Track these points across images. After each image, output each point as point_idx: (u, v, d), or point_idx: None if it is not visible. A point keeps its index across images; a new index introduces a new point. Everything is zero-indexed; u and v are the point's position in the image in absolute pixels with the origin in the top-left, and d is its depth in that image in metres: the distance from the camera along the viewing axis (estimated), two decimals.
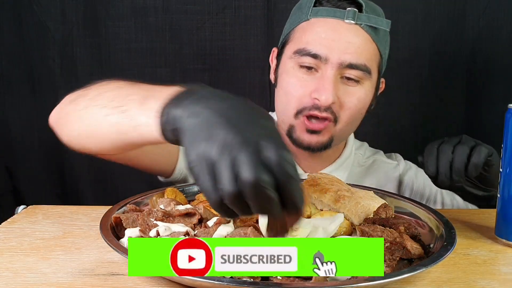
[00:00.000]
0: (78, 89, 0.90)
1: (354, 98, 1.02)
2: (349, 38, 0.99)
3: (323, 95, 0.98)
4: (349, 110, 1.02)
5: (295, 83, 1.02)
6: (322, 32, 1.00)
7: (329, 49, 0.99)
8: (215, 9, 1.48)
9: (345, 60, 0.99)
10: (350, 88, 1.02)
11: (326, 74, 0.99)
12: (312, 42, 1.00)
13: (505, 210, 0.79)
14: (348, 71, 1.00)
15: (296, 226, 0.58)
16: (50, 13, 1.48)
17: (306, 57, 1.00)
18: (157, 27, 1.49)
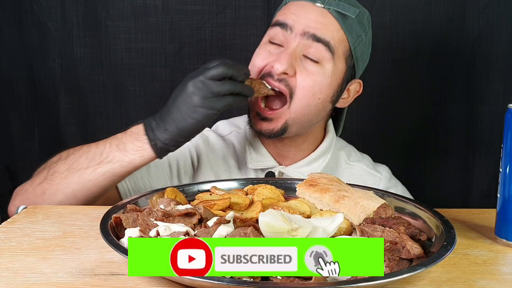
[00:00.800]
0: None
1: (311, 78, 1.03)
2: (315, 17, 1.04)
3: (278, 63, 1.01)
4: (303, 89, 1.03)
5: (261, 54, 1.07)
6: (293, 10, 1.06)
7: (295, 21, 1.04)
8: (215, 9, 1.48)
9: (309, 31, 1.03)
10: (309, 66, 1.03)
11: (289, 46, 1.03)
12: (282, 15, 1.07)
13: (505, 210, 0.79)
14: (310, 47, 1.03)
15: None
16: (50, 13, 1.48)
17: (276, 27, 1.06)
18: (157, 27, 1.49)
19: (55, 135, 1.53)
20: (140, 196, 0.86)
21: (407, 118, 1.54)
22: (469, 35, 1.49)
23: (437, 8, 1.49)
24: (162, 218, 0.72)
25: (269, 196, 0.87)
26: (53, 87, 1.52)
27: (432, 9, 1.49)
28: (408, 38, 1.50)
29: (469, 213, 0.94)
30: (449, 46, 1.51)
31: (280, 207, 0.80)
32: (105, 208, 0.78)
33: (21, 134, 1.53)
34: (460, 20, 1.49)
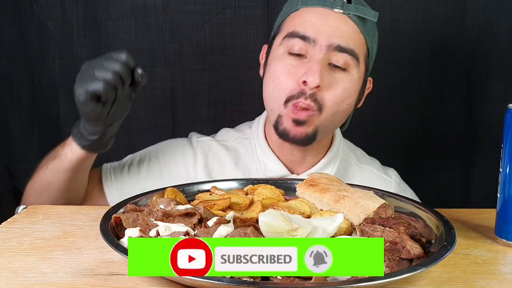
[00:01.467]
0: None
1: (340, 86, 1.02)
2: (337, 24, 1.01)
3: (311, 76, 0.98)
4: (334, 98, 1.02)
5: (283, 69, 1.02)
6: (311, 17, 1.02)
7: (317, 32, 1.01)
8: (215, 9, 1.48)
9: (334, 42, 1.00)
10: (336, 75, 1.02)
11: (314, 57, 1.00)
12: (301, 25, 1.02)
13: (505, 210, 0.79)
14: (336, 55, 1.01)
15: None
16: (50, 13, 1.48)
17: (295, 39, 1.01)
18: (157, 27, 1.49)
19: (55, 135, 1.53)
20: (140, 196, 0.86)
21: (407, 118, 1.54)
22: (469, 35, 1.49)
23: (437, 8, 1.49)
24: (162, 218, 0.72)
25: (269, 196, 0.87)
26: (53, 87, 1.51)
27: (432, 9, 1.49)
28: (408, 38, 1.50)
29: (469, 213, 0.94)
30: (449, 46, 1.50)
31: (280, 207, 0.80)
32: (105, 208, 0.78)
33: (21, 134, 1.53)
34: (460, 20, 1.49)
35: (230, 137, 1.19)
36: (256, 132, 1.16)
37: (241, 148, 1.17)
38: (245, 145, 1.17)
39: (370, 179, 1.17)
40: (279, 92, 1.03)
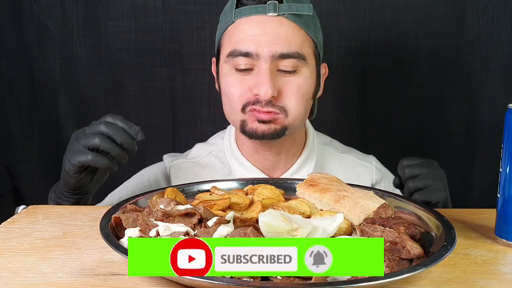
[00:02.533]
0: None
1: (294, 86, 1.03)
2: (275, 30, 1.00)
3: (262, 89, 0.99)
4: (293, 98, 1.02)
5: (233, 82, 1.03)
6: (248, 29, 1.01)
7: (258, 44, 1.00)
8: (215, 9, 1.48)
9: (276, 52, 1.00)
10: (287, 78, 1.02)
11: (261, 69, 1.00)
12: (240, 42, 1.02)
13: (505, 210, 0.79)
14: (282, 62, 1.01)
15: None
16: (50, 13, 1.48)
17: (239, 57, 1.02)
18: (157, 27, 1.49)
19: (55, 135, 1.53)
20: (140, 196, 0.86)
21: (407, 118, 1.54)
22: (469, 35, 1.49)
23: (437, 8, 1.49)
24: (162, 218, 0.72)
25: (269, 196, 0.87)
26: (53, 87, 1.52)
27: (432, 9, 1.49)
28: (408, 38, 1.50)
29: (469, 213, 0.94)
30: (449, 46, 1.50)
31: (280, 207, 0.80)
32: (105, 208, 0.78)
33: (21, 134, 1.53)
34: (460, 20, 1.49)
35: (203, 153, 1.19)
36: (229, 143, 1.16)
37: (216, 161, 1.17)
38: (220, 158, 1.17)
39: (351, 168, 1.18)
40: (234, 102, 1.04)
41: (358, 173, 1.18)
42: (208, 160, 1.17)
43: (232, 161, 1.14)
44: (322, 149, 1.18)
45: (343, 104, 1.53)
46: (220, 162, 1.16)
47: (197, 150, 1.21)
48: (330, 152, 1.19)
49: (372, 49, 1.52)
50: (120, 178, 1.26)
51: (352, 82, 1.53)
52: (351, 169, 1.18)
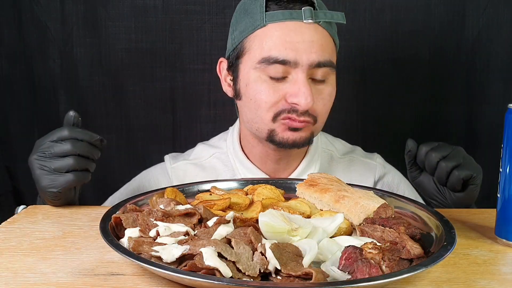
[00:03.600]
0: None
1: (325, 94, 1.02)
2: (311, 37, 0.98)
3: (303, 99, 0.97)
4: (324, 108, 1.03)
5: (266, 90, 1.00)
6: (284, 36, 0.98)
7: (296, 52, 0.97)
8: (215, 9, 1.48)
9: (314, 60, 0.98)
10: (319, 87, 1.02)
11: (298, 78, 0.98)
12: (276, 48, 0.98)
13: (505, 210, 0.79)
14: (317, 71, 1.00)
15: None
16: (50, 13, 1.48)
17: (274, 65, 0.98)
18: (157, 27, 1.49)
19: None
20: (140, 196, 0.86)
21: (407, 118, 1.54)
22: (469, 35, 1.49)
23: (437, 8, 1.49)
24: (162, 218, 0.72)
25: (269, 196, 0.87)
26: (53, 87, 1.52)
27: (432, 9, 1.49)
28: (408, 38, 1.50)
29: (469, 213, 0.94)
30: (449, 46, 1.50)
31: (280, 207, 0.80)
32: (105, 208, 0.78)
33: (21, 134, 1.53)
34: (460, 20, 1.49)
35: (205, 155, 1.18)
36: (232, 146, 1.14)
37: (219, 163, 1.15)
38: (223, 160, 1.15)
39: (354, 166, 1.18)
40: (264, 111, 1.01)
41: (362, 171, 1.18)
42: (210, 162, 1.16)
43: (236, 164, 1.13)
44: (325, 150, 1.18)
45: (343, 104, 1.53)
46: (223, 164, 1.15)
47: (200, 151, 1.19)
48: (333, 153, 1.18)
49: (372, 49, 1.52)
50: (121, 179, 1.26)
51: (352, 82, 1.53)
52: (354, 169, 1.18)
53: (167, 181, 1.16)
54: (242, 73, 1.04)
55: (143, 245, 0.66)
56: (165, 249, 0.63)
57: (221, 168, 1.15)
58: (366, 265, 0.60)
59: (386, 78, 1.52)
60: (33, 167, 0.92)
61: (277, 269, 0.60)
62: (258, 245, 0.64)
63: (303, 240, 0.68)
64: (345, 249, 0.63)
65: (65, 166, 0.90)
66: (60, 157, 0.90)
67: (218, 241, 0.64)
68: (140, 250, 0.65)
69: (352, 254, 0.62)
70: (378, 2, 1.49)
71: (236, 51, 1.05)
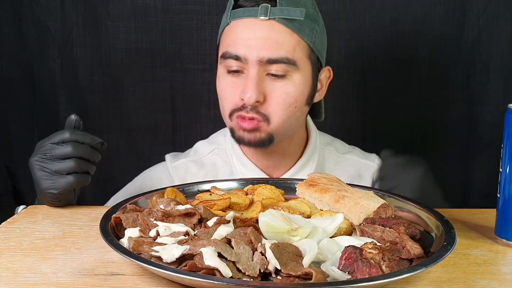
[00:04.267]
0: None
1: (282, 93, 1.01)
2: (265, 34, 0.99)
3: (247, 94, 0.99)
4: (278, 106, 1.01)
5: (225, 86, 1.04)
6: (240, 32, 1.01)
7: (246, 48, 1.00)
8: (215, 9, 1.48)
9: (264, 57, 0.99)
10: (277, 83, 1.01)
11: (249, 74, 1.00)
12: (232, 44, 1.02)
13: (505, 210, 0.79)
14: (270, 66, 1.00)
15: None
16: (50, 13, 1.48)
17: (229, 60, 1.02)
18: (157, 27, 1.49)
19: None
20: (140, 196, 0.86)
21: (407, 118, 1.54)
22: (469, 35, 1.49)
23: (437, 8, 1.49)
24: (162, 218, 0.72)
25: (269, 196, 0.87)
26: (53, 87, 1.52)
27: (432, 9, 1.49)
28: (408, 38, 1.50)
29: (469, 213, 0.94)
30: (449, 46, 1.50)
31: (280, 207, 0.80)
32: (105, 208, 0.78)
33: (21, 134, 1.53)
34: (460, 20, 1.49)
35: (205, 151, 1.18)
36: (231, 142, 1.14)
37: (218, 159, 1.16)
38: (221, 156, 1.16)
39: (352, 167, 1.17)
40: (224, 107, 1.05)
41: (359, 172, 1.18)
42: (210, 159, 1.17)
43: (233, 160, 1.14)
44: (323, 150, 1.17)
45: (343, 104, 1.53)
46: (222, 160, 1.16)
47: (199, 148, 1.20)
48: (331, 153, 1.18)
49: (372, 49, 1.52)
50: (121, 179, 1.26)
51: (352, 82, 1.53)
52: (352, 168, 1.17)
53: (169, 180, 1.16)
54: (218, 67, 1.08)
55: (143, 245, 0.66)
56: (165, 249, 0.63)
57: (220, 164, 1.15)
58: (366, 265, 0.60)
59: (386, 78, 1.52)
60: (34, 168, 0.91)
61: (277, 269, 0.60)
62: (258, 245, 0.64)
63: (303, 240, 0.68)
64: (345, 249, 0.63)
65: (66, 168, 0.90)
66: (61, 159, 0.90)
67: (218, 241, 0.64)
68: (140, 250, 0.65)
69: (352, 254, 0.62)
70: (378, 2, 1.49)
71: (216, 49, 1.10)
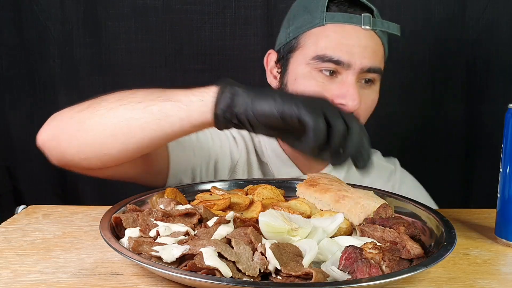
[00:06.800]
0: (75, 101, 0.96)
1: (370, 99, 1.06)
2: (366, 43, 1.02)
3: (350, 101, 1.00)
4: (366, 112, 1.06)
5: (315, 85, 1.02)
6: (341, 38, 1.02)
7: (350, 55, 1.01)
8: (215, 9, 1.48)
9: (366, 65, 1.02)
10: (365, 90, 1.05)
11: (348, 80, 1.01)
12: (332, 48, 1.01)
13: (505, 210, 0.79)
14: (367, 74, 1.03)
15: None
16: (50, 13, 1.48)
17: (328, 63, 1.01)
18: (157, 27, 1.49)
19: None
20: (140, 196, 0.86)
21: (407, 118, 1.54)
22: (469, 35, 1.49)
23: (437, 8, 1.49)
24: (162, 218, 0.72)
25: (269, 196, 0.87)
26: (53, 87, 1.52)
27: (432, 9, 1.49)
28: (408, 38, 1.50)
29: (469, 213, 0.94)
30: (449, 46, 1.50)
31: (280, 207, 0.80)
32: (105, 208, 0.78)
33: (21, 134, 1.53)
34: (460, 20, 1.49)
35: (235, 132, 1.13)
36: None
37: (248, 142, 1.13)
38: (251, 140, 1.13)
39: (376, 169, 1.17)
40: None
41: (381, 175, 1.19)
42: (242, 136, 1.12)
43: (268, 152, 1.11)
44: None
45: None
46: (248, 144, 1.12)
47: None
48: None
49: None
50: None
51: None
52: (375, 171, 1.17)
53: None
54: (292, 67, 1.07)
55: (143, 245, 0.66)
56: (165, 249, 0.63)
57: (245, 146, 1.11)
58: (366, 265, 0.60)
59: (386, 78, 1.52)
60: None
61: (277, 269, 0.60)
62: (258, 245, 0.64)
63: (303, 240, 0.68)
64: (345, 249, 0.63)
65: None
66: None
67: (218, 241, 0.64)
68: (140, 250, 0.65)
69: (352, 254, 0.62)
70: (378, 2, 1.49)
71: (289, 45, 1.08)
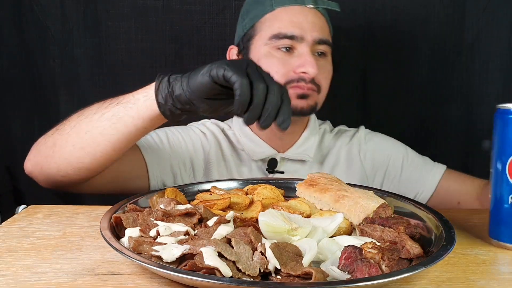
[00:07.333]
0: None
1: (326, 70, 1.18)
2: (313, 19, 1.16)
3: (310, 68, 1.11)
4: (326, 80, 1.18)
5: (276, 62, 1.14)
6: (291, 17, 1.15)
7: (301, 30, 1.14)
8: (215, 10, 1.48)
9: (317, 37, 1.15)
10: (321, 61, 1.16)
11: (304, 51, 1.13)
12: (285, 27, 1.14)
13: (497, 211, 0.78)
14: (318, 46, 1.15)
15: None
16: (50, 13, 1.48)
17: (284, 39, 1.13)
18: (157, 27, 1.49)
19: None
20: (140, 196, 0.86)
21: (406, 118, 1.54)
22: (468, 35, 1.49)
23: (437, 8, 1.49)
24: (162, 218, 0.73)
25: (269, 196, 0.87)
26: (53, 87, 1.52)
27: (432, 9, 1.49)
28: (408, 38, 1.50)
29: (469, 213, 0.94)
30: (449, 46, 1.51)
31: (280, 206, 0.80)
32: (105, 208, 0.79)
33: (21, 134, 1.53)
34: (460, 20, 1.49)
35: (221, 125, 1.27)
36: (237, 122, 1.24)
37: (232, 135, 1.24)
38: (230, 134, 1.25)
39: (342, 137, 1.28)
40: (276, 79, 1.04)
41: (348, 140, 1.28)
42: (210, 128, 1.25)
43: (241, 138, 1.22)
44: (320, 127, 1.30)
45: (343, 104, 1.53)
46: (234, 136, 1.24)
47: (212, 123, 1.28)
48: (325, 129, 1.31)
49: (372, 49, 1.52)
50: None
51: (352, 82, 1.53)
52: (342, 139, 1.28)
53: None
54: (254, 51, 1.18)
55: (143, 244, 0.66)
56: (165, 248, 0.64)
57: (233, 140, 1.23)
58: (365, 265, 0.60)
59: (386, 78, 1.53)
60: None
61: (277, 268, 0.60)
62: (258, 245, 0.64)
63: (303, 240, 0.68)
64: (344, 249, 0.63)
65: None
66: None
67: (218, 240, 0.64)
68: (140, 249, 0.65)
69: (351, 254, 0.62)
70: (378, 2, 1.49)
71: (247, 35, 1.20)
